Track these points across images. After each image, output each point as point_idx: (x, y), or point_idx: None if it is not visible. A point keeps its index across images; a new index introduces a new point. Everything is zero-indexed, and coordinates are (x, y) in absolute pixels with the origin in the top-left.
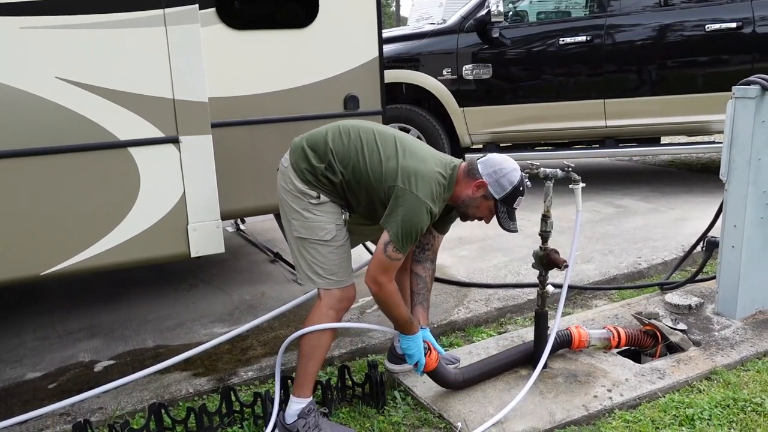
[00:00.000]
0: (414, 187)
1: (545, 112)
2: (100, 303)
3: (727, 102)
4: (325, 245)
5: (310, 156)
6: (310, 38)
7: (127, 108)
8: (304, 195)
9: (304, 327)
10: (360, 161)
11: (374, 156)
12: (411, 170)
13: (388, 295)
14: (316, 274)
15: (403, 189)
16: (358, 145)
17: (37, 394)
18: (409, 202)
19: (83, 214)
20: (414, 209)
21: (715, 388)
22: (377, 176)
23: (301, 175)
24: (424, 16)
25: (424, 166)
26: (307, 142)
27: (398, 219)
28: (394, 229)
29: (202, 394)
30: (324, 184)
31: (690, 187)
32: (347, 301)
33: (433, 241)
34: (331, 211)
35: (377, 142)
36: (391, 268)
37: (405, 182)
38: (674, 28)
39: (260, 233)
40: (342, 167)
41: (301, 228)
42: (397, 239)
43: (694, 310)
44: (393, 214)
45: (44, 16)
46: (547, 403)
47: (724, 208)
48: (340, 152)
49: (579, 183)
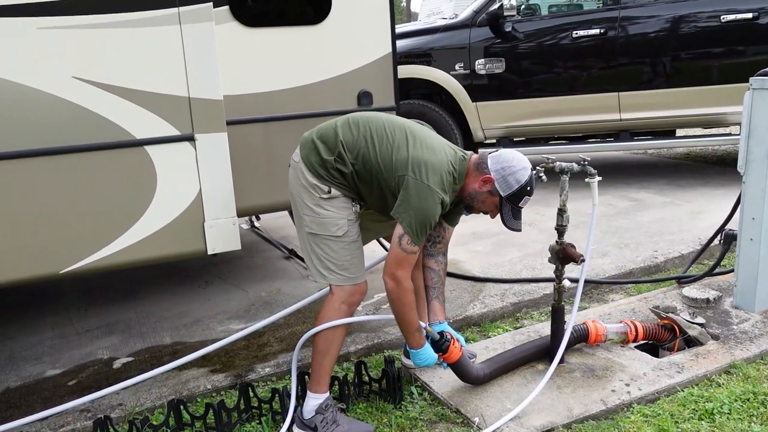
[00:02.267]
0: (425, 177)
1: (559, 105)
2: (117, 301)
3: (744, 93)
4: (337, 241)
5: (321, 149)
6: (323, 35)
7: (143, 107)
8: (315, 189)
9: (317, 322)
10: (370, 151)
11: (384, 146)
12: (421, 160)
13: (403, 293)
14: (328, 269)
15: (413, 179)
16: (367, 135)
17: (57, 391)
18: (420, 192)
19: (101, 213)
20: (425, 199)
21: (735, 382)
22: (387, 166)
23: (312, 169)
24: (435, 11)
25: (435, 156)
26: (317, 136)
27: (410, 210)
28: (407, 220)
29: (220, 390)
30: (335, 177)
31: (706, 179)
32: (359, 295)
33: (443, 233)
34: (342, 206)
35: (387, 132)
36: (408, 261)
37: (415, 172)
38: (689, 19)
39: (275, 230)
40: (352, 158)
41: (312, 224)
42: (411, 231)
43: (712, 303)
44: (404, 204)
45: (61, 17)
46: (564, 397)
47: (742, 201)
48: (349, 143)
49: (595, 177)
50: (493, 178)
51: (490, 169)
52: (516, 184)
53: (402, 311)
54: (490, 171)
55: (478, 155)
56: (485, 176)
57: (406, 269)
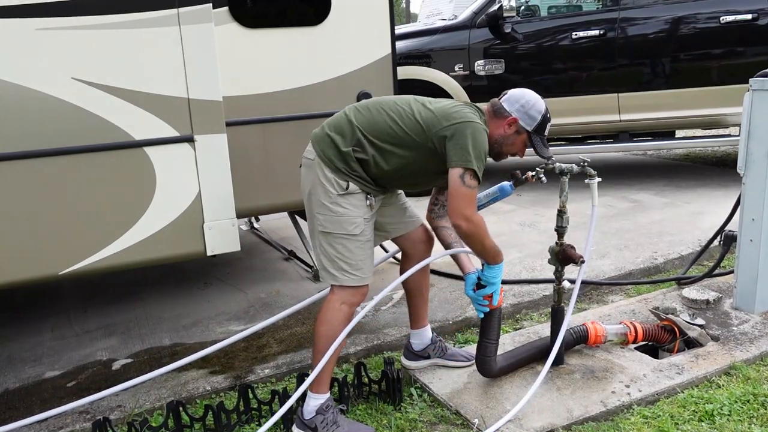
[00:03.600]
0: (461, 116)
1: (558, 106)
2: (116, 302)
3: (744, 94)
4: (353, 240)
5: (338, 141)
6: (322, 36)
7: (142, 108)
8: (332, 185)
9: (317, 322)
10: (391, 125)
11: (404, 116)
12: (448, 109)
13: (478, 226)
14: (341, 269)
15: (453, 124)
16: (382, 112)
17: (56, 393)
18: (467, 128)
19: (100, 214)
20: (474, 131)
21: (735, 384)
22: (417, 131)
23: (330, 163)
24: (434, 12)
25: (457, 104)
26: (330, 129)
27: (465, 146)
28: (465, 156)
29: (219, 392)
30: (354, 170)
31: (705, 180)
32: (361, 295)
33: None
34: (359, 204)
35: (400, 105)
36: (473, 198)
37: (450, 119)
38: (688, 20)
39: (274, 231)
40: (373, 139)
41: (327, 223)
42: (471, 164)
43: (711, 304)
44: (456, 147)
45: (59, 17)
46: (564, 399)
47: (742, 202)
48: (366, 124)
49: (595, 178)
50: (516, 118)
51: (509, 111)
52: (538, 115)
53: (482, 241)
54: (510, 113)
55: (489, 104)
56: (508, 119)
57: (472, 206)
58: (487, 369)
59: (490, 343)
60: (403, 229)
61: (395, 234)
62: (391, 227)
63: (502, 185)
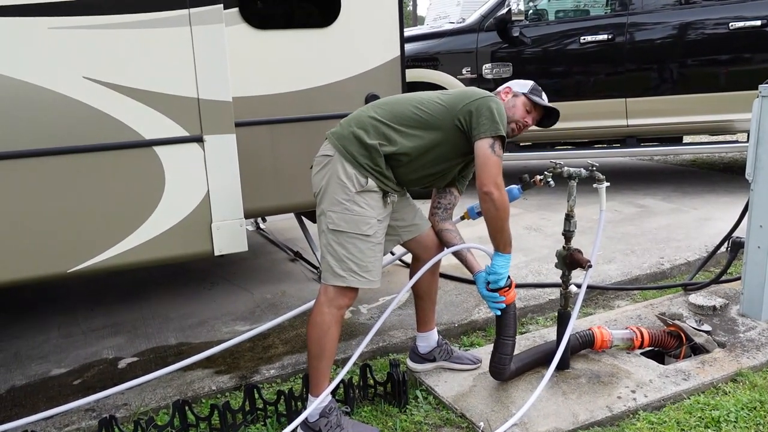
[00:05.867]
0: (480, 93)
1: (566, 111)
2: (123, 301)
3: (753, 101)
4: (365, 240)
5: (361, 135)
6: (332, 37)
7: (152, 107)
8: (352, 181)
9: (309, 325)
10: (414, 111)
11: (425, 101)
12: (465, 90)
13: (505, 199)
14: (349, 270)
15: (476, 99)
16: (403, 102)
17: (62, 390)
18: (489, 101)
19: (109, 213)
20: (495, 104)
21: (741, 390)
22: (440, 111)
23: (352, 159)
24: (441, 15)
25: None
26: (352, 125)
27: (491, 116)
28: (494, 126)
29: (225, 392)
30: (377, 165)
31: (713, 186)
32: (350, 298)
33: (454, 201)
34: (374, 205)
35: (416, 95)
36: (501, 168)
37: (471, 96)
38: (697, 26)
39: (280, 232)
40: (398, 126)
41: (340, 221)
42: (500, 131)
43: (718, 311)
44: (482, 118)
45: (71, 17)
46: (570, 403)
47: (750, 208)
48: (389, 116)
49: (603, 182)
50: (510, 86)
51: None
52: (528, 83)
53: (504, 217)
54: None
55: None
56: (504, 89)
57: (501, 176)
58: (502, 369)
59: (507, 339)
60: (415, 231)
61: (406, 237)
62: (403, 230)
63: (510, 188)
